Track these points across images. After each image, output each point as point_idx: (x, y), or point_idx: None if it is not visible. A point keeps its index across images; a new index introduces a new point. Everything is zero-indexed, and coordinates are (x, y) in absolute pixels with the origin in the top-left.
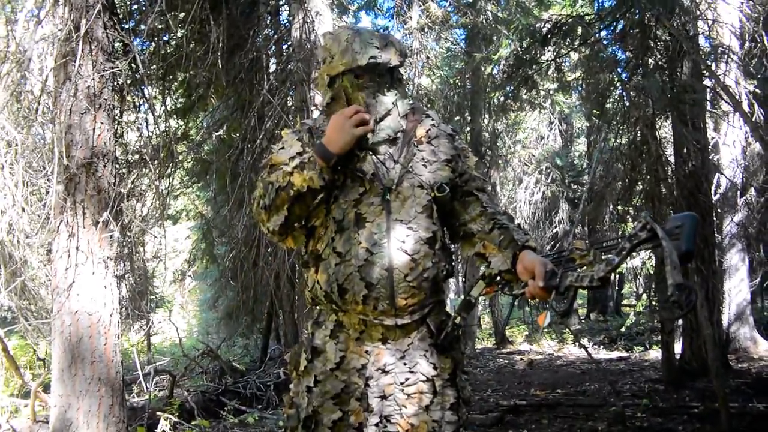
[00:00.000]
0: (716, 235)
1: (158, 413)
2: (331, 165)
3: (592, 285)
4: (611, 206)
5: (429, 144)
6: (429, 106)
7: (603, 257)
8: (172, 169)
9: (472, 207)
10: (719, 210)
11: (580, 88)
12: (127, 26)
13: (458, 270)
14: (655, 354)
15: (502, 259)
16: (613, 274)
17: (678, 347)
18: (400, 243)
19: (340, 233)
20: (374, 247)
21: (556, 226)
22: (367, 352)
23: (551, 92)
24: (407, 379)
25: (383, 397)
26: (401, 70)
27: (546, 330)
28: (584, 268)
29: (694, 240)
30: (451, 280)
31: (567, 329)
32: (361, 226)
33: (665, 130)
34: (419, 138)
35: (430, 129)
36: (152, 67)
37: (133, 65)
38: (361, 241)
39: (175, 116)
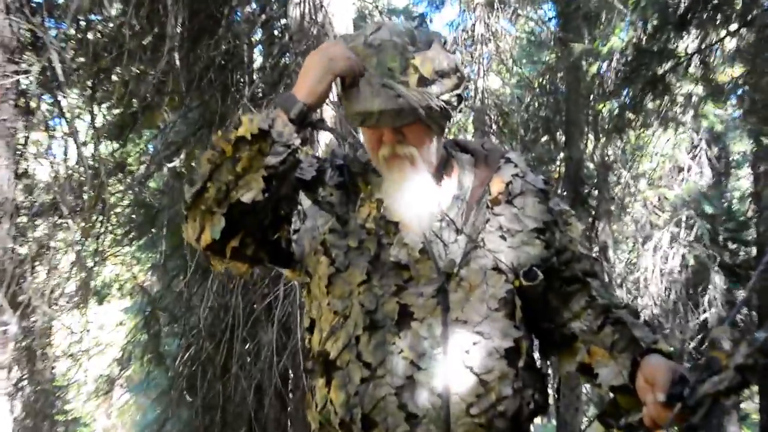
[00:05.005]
0: None
1: None
2: (294, 116)
3: (732, 384)
4: None
5: (509, 205)
6: (500, 121)
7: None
8: (102, 220)
9: (576, 299)
10: None
11: (741, 91)
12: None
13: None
14: None
15: (616, 370)
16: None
17: None
18: (462, 355)
19: (371, 332)
20: (422, 359)
21: (705, 311)
22: None
23: (694, 100)
24: None
25: None
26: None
27: None
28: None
29: None
30: None
31: None
32: (404, 326)
33: None
34: (495, 196)
35: (511, 182)
36: (75, 68)
37: (46, 65)
38: (402, 349)
39: (106, 137)
